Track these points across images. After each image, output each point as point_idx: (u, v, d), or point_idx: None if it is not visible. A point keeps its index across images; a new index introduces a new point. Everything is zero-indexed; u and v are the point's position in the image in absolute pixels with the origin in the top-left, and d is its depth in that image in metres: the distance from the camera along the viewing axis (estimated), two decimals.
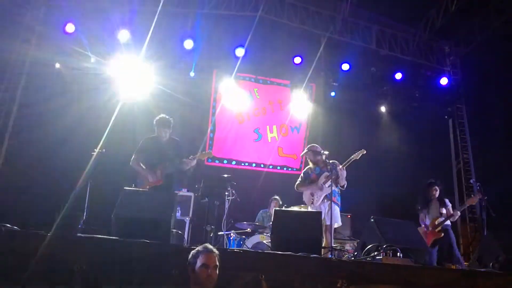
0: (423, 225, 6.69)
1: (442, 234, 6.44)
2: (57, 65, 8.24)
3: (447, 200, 6.77)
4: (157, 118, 5.74)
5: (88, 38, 8.08)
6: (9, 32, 7.48)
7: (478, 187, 6.57)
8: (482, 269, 4.20)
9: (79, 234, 3.94)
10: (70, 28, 7.87)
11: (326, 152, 5.92)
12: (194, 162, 5.67)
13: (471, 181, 6.62)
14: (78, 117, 7.84)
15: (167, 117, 5.75)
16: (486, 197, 6.39)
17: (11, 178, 7.35)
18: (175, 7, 8.45)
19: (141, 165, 5.60)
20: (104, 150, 6.47)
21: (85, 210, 6.20)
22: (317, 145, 6.22)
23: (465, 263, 6.55)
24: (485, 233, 6.12)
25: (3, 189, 7.23)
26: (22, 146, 7.51)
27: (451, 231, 6.59)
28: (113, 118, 7.62)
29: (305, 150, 6.28)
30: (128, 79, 8.41)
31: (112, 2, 8.13)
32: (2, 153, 7.51)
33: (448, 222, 6.52)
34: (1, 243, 3.22)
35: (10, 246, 3.22)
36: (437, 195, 6.74)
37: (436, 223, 6.52)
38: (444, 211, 6.60)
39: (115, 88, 8.33)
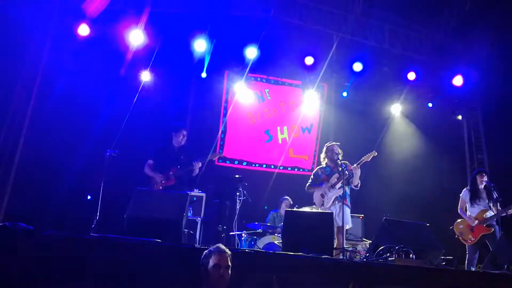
0: (466, 217, 6.32)
1: (492, 230, 6.02)
2: (71, 67, 8.32)
3: (495, 194, 6.29)
4: (174, 125, 6.05)
5: (102, 40, 8.16)
6: (23, 35, 7.59)
7: (492, 188, 6.42)
8: (497, 272, 4.14)
9: (92, 234, 3.98)
10: (83, 30, 7.94)
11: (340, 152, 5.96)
12: (200, 164, 5.91)
13: (486, 182, 6.44)
14: (92, 118, 7.93)
15: (182, 124, 6.11)
16: (501, 199, 6.26)
17: (26, 178, 7.45)
18: (187, 8, 8.48)
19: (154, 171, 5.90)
20: (117, 151, 6.55)
21: (98, 210, 6.27)
22: (334, 143, 6.18)
23: (479, 265, 6.45)
24: (500, 235, 6.02)
25: (18, 190, 7.35)
26: (36, 147, 7.61)
27: (498, 230, 6.07)
28: (126, 120, 7.71)
29: (325, 149, 6.22)
30: (140, 81, 8.47)
31: (126, 3, 8.20)
32: (18, 154, 7.62)
33: (495, 218, 6.07)
34: (16, 242, 3.27)
35: (24, 246, 3.27)
36: (484, 186, 6.35)
37: (485, 216, 6.13)
38: (492, 205, 6.16)
39: (128, 90, 8.40)
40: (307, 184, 6.14)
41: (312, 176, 6.21)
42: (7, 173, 7.52)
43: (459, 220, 6.47)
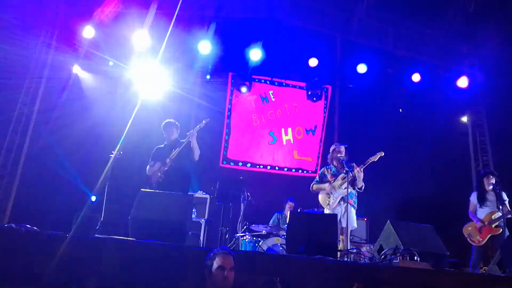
0: (475, 220, 6.25)
1: (501, 230, 5.96)
2: (76, 69, 8.38)
3: (504, 194, 6.22)
4: (163, 123, 6.11)
5: (107, 41, 8.20)
6: (29, 37, 7.65)
7: (498, 190, 6.37)
8: (502, 274, 4.12)
9: (96, 235, 4.00)
10: (88, 31, 7.98)
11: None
12: (195, 134, 5.84)
13: (492, 184, 6.40)
14: (96, 120, 7.96)
15: (172, 120, 6.11)
16: (508, 200, 6.23)
17: (31, 180, 7.50)
18: (192, 11, 8.51)
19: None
20: (121, 152, 6.58)
21: (103, 211, 6.29)
22: (340, 144, 6.17)
23: (484, 267, 6.41)
24: (505, 237, 5.98)
25: (23, 191, 7.39)
26: (41, 149, 7.65)
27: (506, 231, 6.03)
28: (130, 121, 7.72)
29: (331, 150, 6.21)
30: (145, 82, 8.50)
31: (130, 5, 8.24)
32: (23, 156, 7.67)
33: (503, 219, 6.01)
34: (21, 243, 3.28)
35: (29, 246, 3.29)
36: (492, 186, 6.28)
37: (493, 217, 6.08)
38: (501, 205, 6.08)
39: (132, 91, 8.43)
40: (312, 184, 6.13)
41: (318, 176, 6.20)
42: (13, 175, 7.58)
43: (469, 222, 6.43)
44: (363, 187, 5.84)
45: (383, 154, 5.90)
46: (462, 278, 3.85)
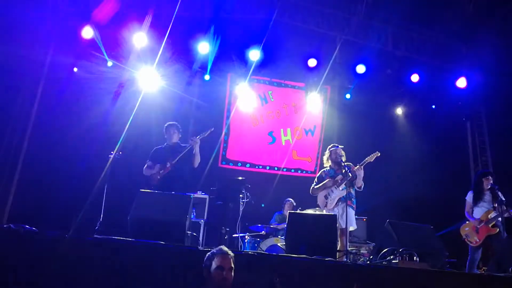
0: (471, 219, 6.26)
1: (497, 230, 5.96)
2: (75, 70, 8.37)
3: (500, 194, 6.21)
4: (166, 124, 6.15)
5: (105, 42, 8.20)
6: (28, 37, 7.63)
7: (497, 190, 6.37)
8: (501, 274, 4.12)
9: (95, 236, 4.00)
10: (87, 32, 7.98)
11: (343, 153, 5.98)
12: (198, 141, 5.85)
13: (491, 184, 6.40)
14: (95, 120, 7.96)
15: (175, 122, 6.16)
16: (505, 200, 6.23)
17: (30, 180, 7.48)
18: (191, 11, 8.51)
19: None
20: (120, 153, 6.58)
21: (102, 212, 6.28)
22: (337, 146, 6.17)
23: (483, 267, 6.41)
24: (504, 238, 5.98)
25: (22, 192, 7.38)
26: (40, 149, 7.64)
27: (503, 230, 6.04)
28: (129, 122, 7.73)
29: (328, 152, 6.20)
30: (144, 83, 8.50)
31: (129, 6, 8.23)
32: (21, 156, 7.65)
33: (499, 218, 6.02)
34: (20, 244, 3.28)
35: (28, 247, 3.28)
36: (489, 186, 6.30)
37: (489, 217, 6.08)
38: (497, 205, 6.10)
39: (131, 92, 8.43)
40: (312, 187, 6.13)
41: (316, 179, 6.20)
42: (12, 175, 7.56)
43: (466, 222, 6.43)
44: (362, 186, 5.83)
45: (379, 154, 5.91)
46: (461, 278, 3.86)
